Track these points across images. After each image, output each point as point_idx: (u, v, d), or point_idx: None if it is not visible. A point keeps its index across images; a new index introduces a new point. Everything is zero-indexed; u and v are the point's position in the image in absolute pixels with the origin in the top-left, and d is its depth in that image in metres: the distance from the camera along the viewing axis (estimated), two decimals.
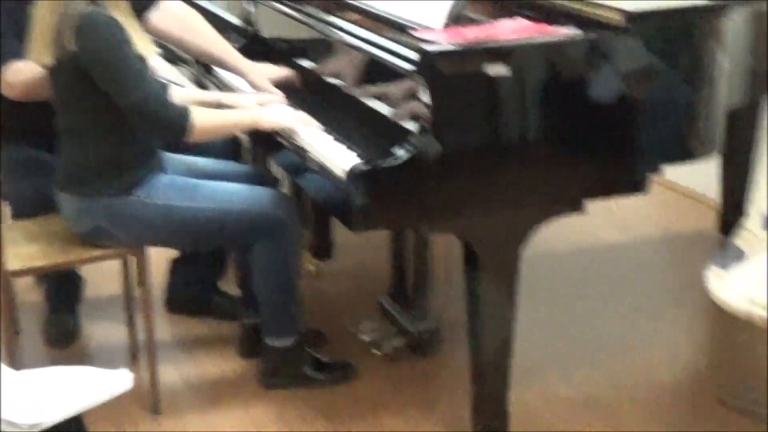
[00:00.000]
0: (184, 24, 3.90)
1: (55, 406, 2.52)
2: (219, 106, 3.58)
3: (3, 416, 2.46)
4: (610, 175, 3.05)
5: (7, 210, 3.86)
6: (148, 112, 3.20)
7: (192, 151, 3.68)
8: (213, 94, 3.72)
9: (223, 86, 3.96)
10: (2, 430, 2.45)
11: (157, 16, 3.84)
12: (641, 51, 3.01)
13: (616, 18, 2.97)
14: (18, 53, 3.47)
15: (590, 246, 4.87)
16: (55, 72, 3.27)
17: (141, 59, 3.24)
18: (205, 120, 3.29)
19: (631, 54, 2.99)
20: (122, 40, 3.19)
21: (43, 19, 3.21)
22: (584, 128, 2.98)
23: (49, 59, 3.22)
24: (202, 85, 4.10)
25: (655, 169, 3.13)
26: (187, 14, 3.93)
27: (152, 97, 3.19)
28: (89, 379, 2.66)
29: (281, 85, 3.71)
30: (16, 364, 3.28)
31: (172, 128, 3.25)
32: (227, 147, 3.92)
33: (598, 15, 3.02)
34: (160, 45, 3.88)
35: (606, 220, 5.04)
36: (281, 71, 3.76)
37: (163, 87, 3.34)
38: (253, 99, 3.62)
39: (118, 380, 2.67)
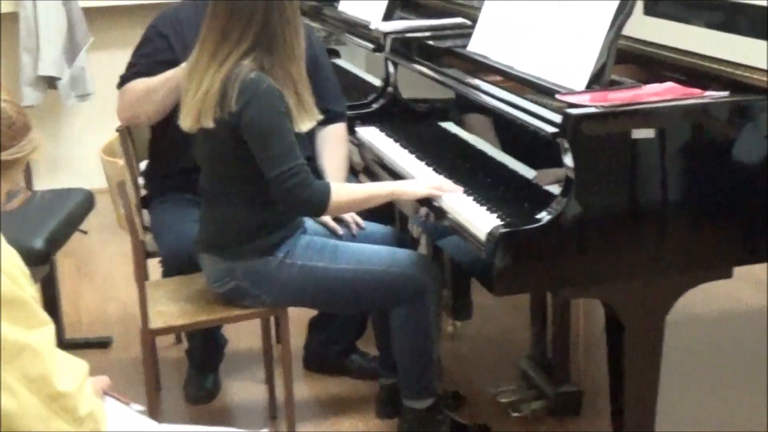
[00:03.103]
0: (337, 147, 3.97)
1: None
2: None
3: None
4: (761, 241, 2.96)
5: (151, 268, 3.94)
6: (291, 188, 3.20)
7: None
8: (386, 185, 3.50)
9: None
10: None
11: (329, 130, 3.93)
12: None
13: (766, 81, 2.90)
14: (143, 74, 3.76)
15: (732, 310, 4.73)
16: (210, 134, 3.28)
17: (296, 134, 3.27)
18: (342, 196, 3.29)
19: None
20: (281, 112, 3.22)
21: (208, 84, 3.23)
22: (731, 192, 2.91)
23: (210, 121, 3.23)
24: None
25: None
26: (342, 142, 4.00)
27: (297, 175, 3.20)
28: None
29: (424, 145, 3.71)
30: (158, 419, 3.31)
31: (310, 207, 3.27)
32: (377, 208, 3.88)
33: (748, 78, 2.94)
34: None
35: (748, 283, 4.90)
36: None
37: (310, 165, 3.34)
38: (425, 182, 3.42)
39: None
